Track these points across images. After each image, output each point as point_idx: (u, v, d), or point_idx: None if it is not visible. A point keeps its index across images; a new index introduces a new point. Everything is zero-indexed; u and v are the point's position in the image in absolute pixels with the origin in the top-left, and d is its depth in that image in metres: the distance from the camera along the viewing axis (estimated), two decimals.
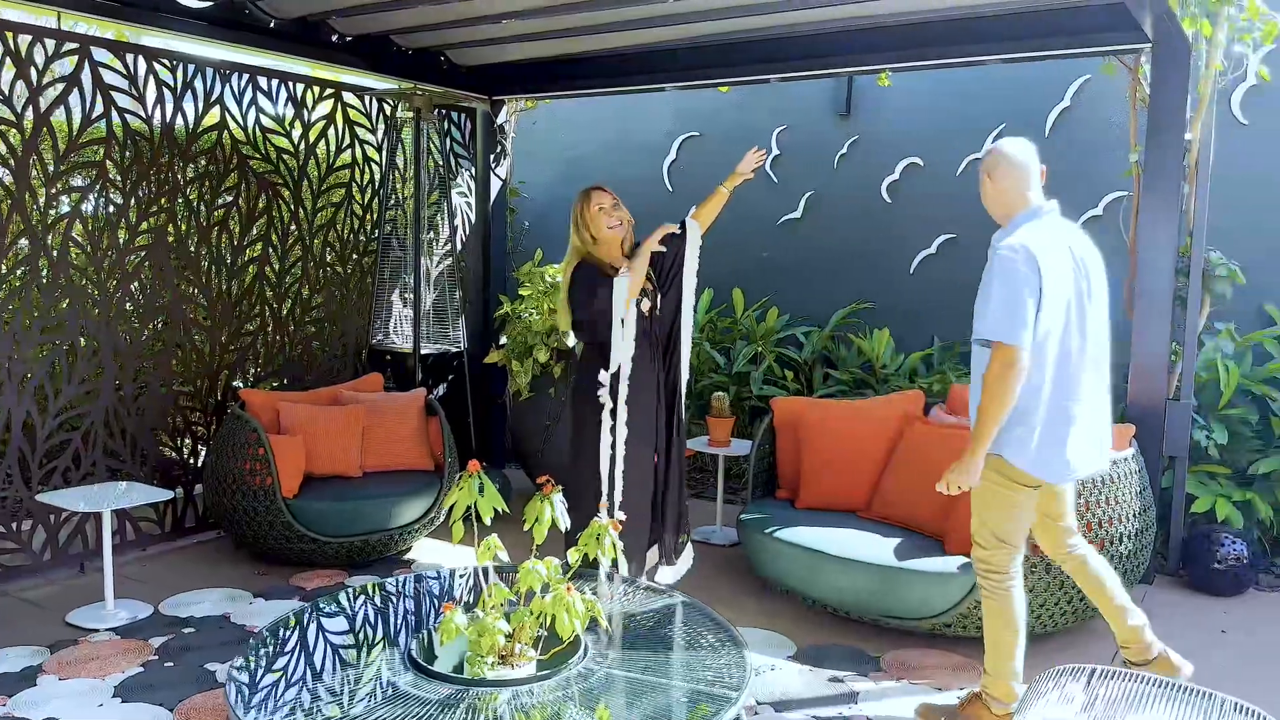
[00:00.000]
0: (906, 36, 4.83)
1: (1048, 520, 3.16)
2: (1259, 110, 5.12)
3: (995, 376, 2.82)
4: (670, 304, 3.98)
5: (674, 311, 3.99)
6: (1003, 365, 2.80)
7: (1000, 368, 2.80)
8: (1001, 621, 3.06)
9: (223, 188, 4.95)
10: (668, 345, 3.99)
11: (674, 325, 3.99)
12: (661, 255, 3.99)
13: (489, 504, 2.60)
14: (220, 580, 4.38)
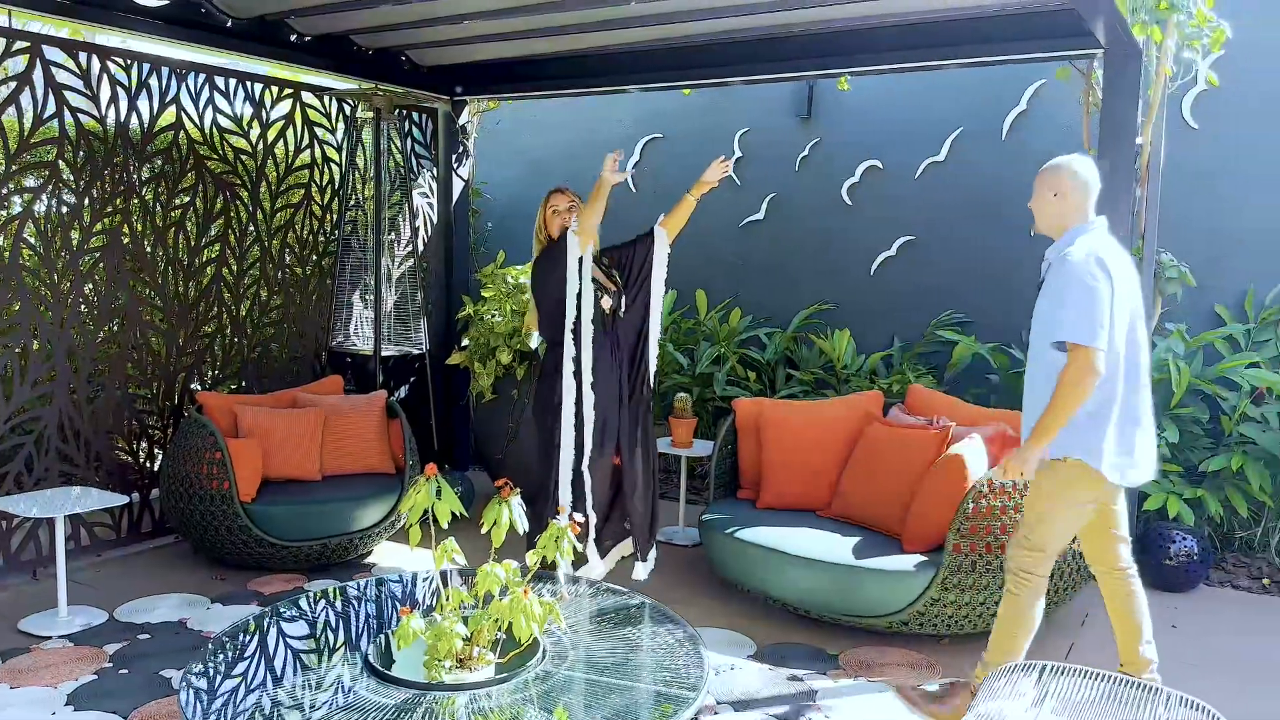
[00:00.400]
0: (865, 41, 4.88)
1: (1103, 529, 3.21)
2: (1208, 115, 5.23)
3: (1073, 378, 2.90)
4: (637, 310, 4.02)
5: (641, 318, 4.02)
6: (1080, 367, 2.89)
7: (1078, 369, 2.89)
8: (1020, 622, 3.13)
9: (179, 188, 4.90)
10: (635, 351, 4.02)
11: (641, 331, 4.02)
12: (630, 259, 4.05)
13: (446, 507, 2.60)
14: (177, 586, 4.33)
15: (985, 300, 5.82)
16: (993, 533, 3.59)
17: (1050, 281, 3.06)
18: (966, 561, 3.60)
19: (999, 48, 4.62)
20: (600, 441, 3.88)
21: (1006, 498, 3.61)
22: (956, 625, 3.70)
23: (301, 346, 5.54)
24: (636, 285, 4.03)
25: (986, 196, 5.79)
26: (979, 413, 4.37)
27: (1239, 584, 4.64)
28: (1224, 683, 3.52)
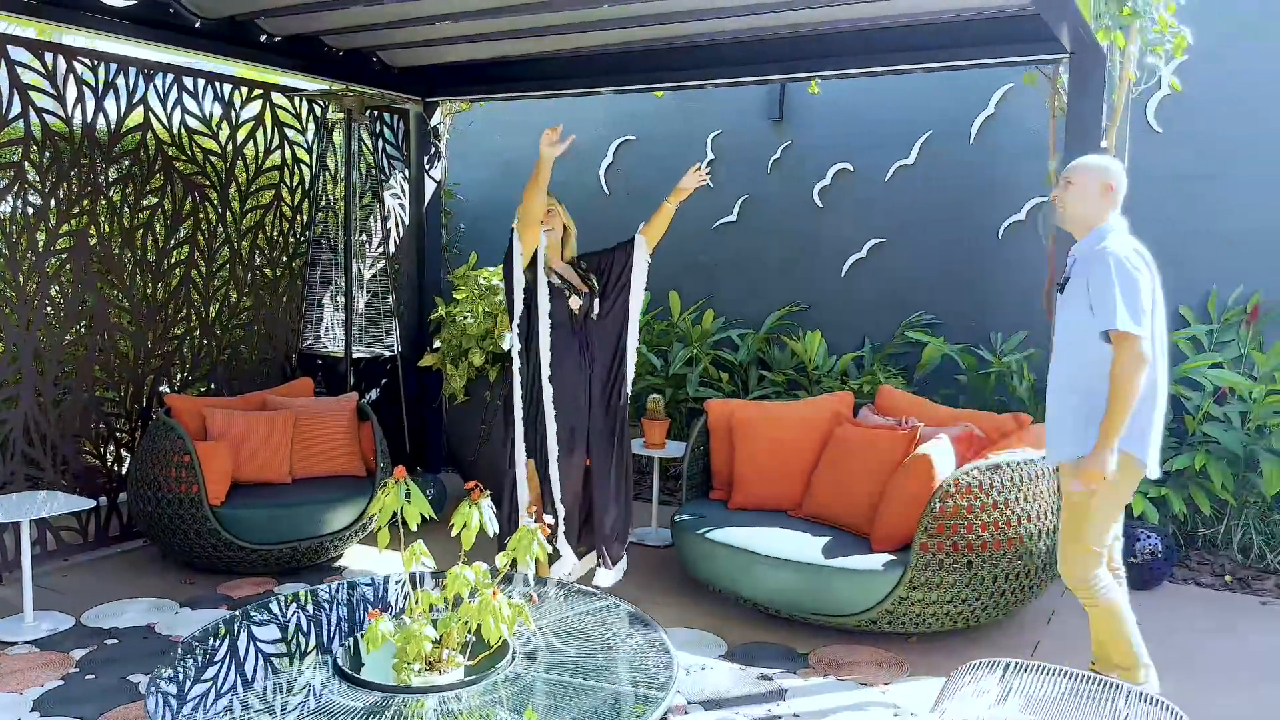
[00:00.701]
0: (835, 45, 4.92)
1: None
2: (1172, 118, 5.31)
3: (1126, 367, 2.93)
4: (616, 317, 4.04)
5: (620, 324, 4.04)
6: (1130, 354, 2.93)
7: (1129, 357, 2.93)
8: (1117, 621, 3.15)
9: (147, 189, 4.86)
10: (612, 357, 4.04)
11: (620, 338, 4.04)
12: (609, 265, 4.08)
13: (415, 510, 2.60)
14: (145, 590, 4.30)
15: (954, 302, 5.88)
16: (959, 531, 3.63)
17: (1087, 276, 3.05)
18: (934, 560, 3.64)
19: (967, 52, 4.67)
20: (568, 440, 3.89)
21: (973, 497, 3.65)
22: (924, 623, 3.74)
23: (271, 348, 5.50)
24: (615, 291, 4.06)
25: (955, 199, 5.85)
26: (947, 413, 4.42)
27: (1202, 581, 4.71)
28: (1186, 679, 3.58)
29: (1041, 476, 3.82)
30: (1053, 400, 3.19)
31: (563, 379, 3.88)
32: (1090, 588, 3.14)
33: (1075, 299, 3.10)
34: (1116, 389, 2.94)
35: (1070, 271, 3.20)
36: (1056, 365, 3.19)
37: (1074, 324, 3.10)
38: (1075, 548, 3.13)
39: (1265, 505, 4.88)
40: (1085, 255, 3.13)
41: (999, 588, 3.72)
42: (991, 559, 3.67)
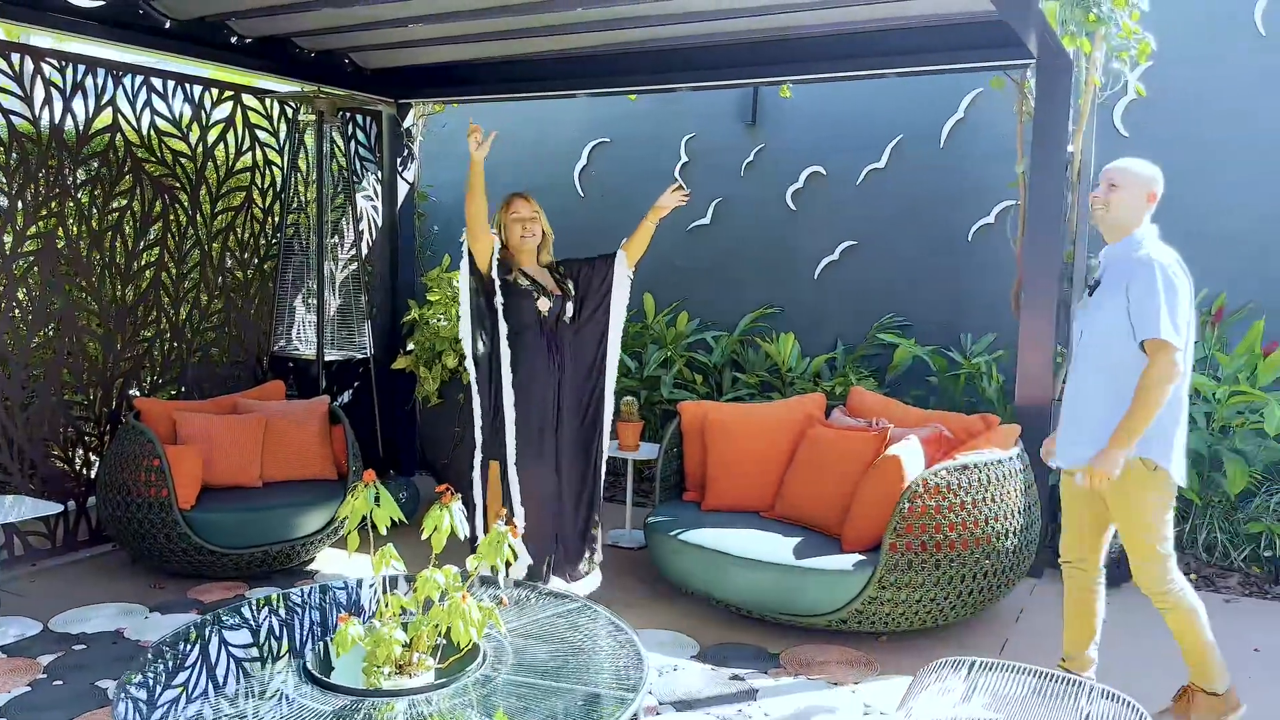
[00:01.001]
0: (807, 49, 4.96)
1: (1102, 527, 3.28)
2: (1138, 123, 5.39)
3: (1159, 377, 2.92)
4: (595, 330, 4.05)
5: (599, 336, 4.05)
6: (1166, 363, 2.92)
7: (1164, 367, 2.92)
8: (1196, 621, 3.14)
9: (116, 191, 4.82)
10: (590, 368, 4.04)
11: (599, 350, 4.05)
12: (590, 275, 4.10)
13: (385, 514, 2.60)
14: (114, 595, 4.26)
15: (925, 304, 5.94)
16: (928, 532, 3.67)
17: (1126, 282, 3.01)
18: (903, 560, 3.67)
19: (936, 57, 4.72)
20: (536, 442, 3.89)
21: (941, 497, 3.69)
22: (894, 623, 3.78)
23: (243, 351, 5.47)
24: (595, 301, 4.07)
25: (926, 202, 5.91)
26: (917, 414, 4.46)
27: None
28: (1149, 676, 3.63)
29: (1009, 477, 3.87)
30: (1077, 404, 3.16)
31: (530, 380, 3.89)
32: (1165, 592, 3.14)
33: (1110, 304, 3.05)
34: (1144, 396, 2.93)
35: (1101, 275, 3.16)
36: (1083, 369, 3.15)
37: (1107, 329, 3.06)
38: (1140, 554, 3.13)
39: (1229, 504, 4.95)
40: (1122, 261, 3.09)
41: (967, 587, 3.76)
42: (960, 559, 3.71)
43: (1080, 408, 3.15)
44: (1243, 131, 5.16)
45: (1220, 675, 3.20)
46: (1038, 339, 4.52)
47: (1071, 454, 3.18)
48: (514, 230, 4.00)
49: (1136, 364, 2.98)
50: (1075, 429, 3.16)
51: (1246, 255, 5.16)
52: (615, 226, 6.73)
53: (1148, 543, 3.10)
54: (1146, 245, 3.07)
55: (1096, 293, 3.15)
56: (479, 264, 3.89)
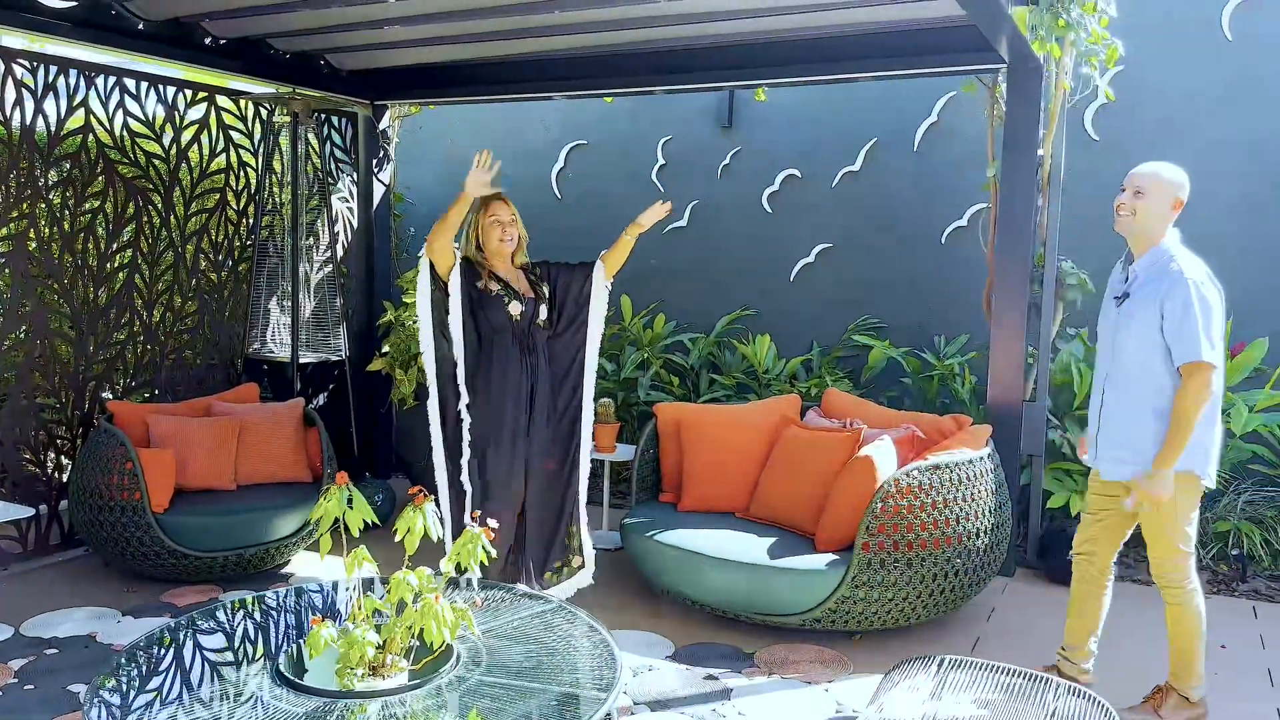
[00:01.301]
0: (782, 54, 4.99)
1: (1125, 525, 3.35)
2: (1109, 127, 5.46)
3: (1195, 398, 2.97)
4: (573, 340, 4.04)
5: (577, 347, 4.05)
6: (1203, 384, 2.96)
7: (1200, 390, 2.96)
8: (1195, 627, 3.20)
9: (88, 192, 4.79)
10: (564, 378, 4.04)
11: (574, 360, 4.05)
12: (568, 281, 4.08)
13: (358, 516, 2.60)
14: (86, 599, 4.24)
15: (899, 306, 5.99)
16: (900, 531, 3.71)
17: (1160, 299, 3.03)
18: (876, 559, 3.71)
19: (909, 61, 4.77)
20: (509, 446, 3.88)
21: (914, 497, 3.73)
22: (867, 621, 3.81)
23: (217, 354, 5.45)
24: (573, 312, 4.06)
25: (900, 205, 5.96)
26: (891, 415, 4.50)
27: (1138, 578, 4.83)
28: (1116, 671, 3.69)
29: (980, 477, 3.91)
30: (1119, 417, 3.19)
31: (502, 385, 3.87)
32: (1181, 587, 3.21)
33: (1144, 317, 3.08)
34: (1182, 418, 2.98)
35: (1131, 287, 3.17)
36: (1122, 384, 3.17)
37: (1142, 343, 3.08)
38: (1163, 551, 3.19)
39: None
40: (1154, 273, 3.10)
41: (939, 586, 3.80)
42: (932, 558, 3.75)
43: (1123, 421, 3.18)
44: (1212, 135, 5.23)
45: (1199, 683, 3.27)
46: (1009, 341, 4.57)
47: (1116, 470, 3.23)
48: (492, 233, 3.95)
49: (1177, 381, 3.04)
50: (1118, 443, 3.20)
51: (1215, 258, 5.22)
52: (592, 229, 6.76)
53: (1173, 541, 3.18)
54: (1179, 259, 3.08)
55: (1127, 304, 3.16)
56: (440, 273, 3.86)
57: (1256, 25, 5.15)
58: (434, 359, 3.91)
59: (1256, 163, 5.16)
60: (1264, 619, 4.30)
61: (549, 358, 4.00)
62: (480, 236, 3.97)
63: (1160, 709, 3.25)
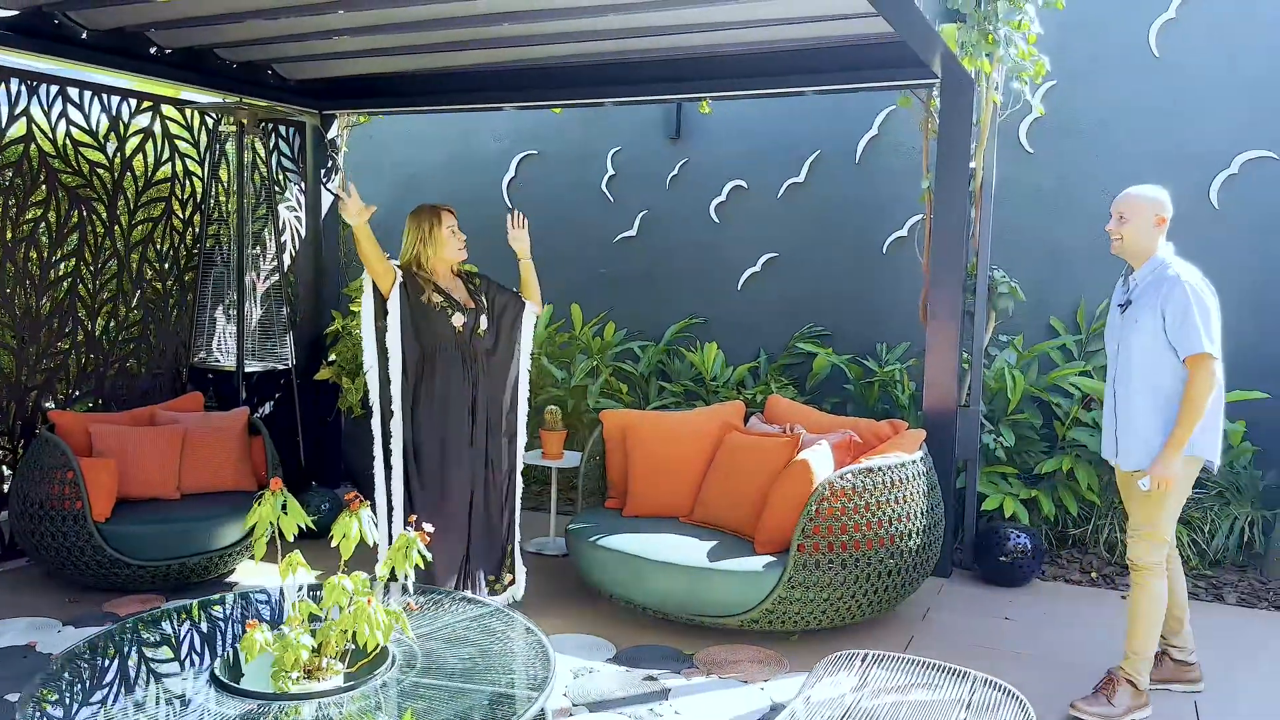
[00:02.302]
0: (727, 67, 5.10)
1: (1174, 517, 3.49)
2: (1042, 139, 5.63)
3: (1203, 390, 3.20)
4: (505, 361, 4.09)
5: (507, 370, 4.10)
6: (1208, 375, 3.20)
7: (1206, 380, 3.20)
8: (1156, 610, 3.37)
9: (30, 201, 4.77)
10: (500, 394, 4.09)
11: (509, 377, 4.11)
12: (505, 305, 4.13)
13: (292, 521, 2.64)
14: (26, 610, 4.21)
15: (843, 314, 6.12)
16: (834, 533, 3.80)
17: (1161, 304, 3.27)
18: (811, 560, 3.80)
19: (847, 76, 4.90)
20: (453, 458, 3.92)
21: (847, 499, 3.82)
22: (804, 621, 3.90)
23: (162, 363, 5.43)
24: (506, 337, 4.11)
25: (843, 215, 6.09)
26: (831, 420, 4.60)
27: (1071, 578, 4.98)
28: (1046, 668, 3.81)
29: (913, 479, 4.02)
30: (1131, 415, 3.39)
31: (445, 397, 3.89)
32: (1153, 569, 3.38)
33: (1147, 322, 3.31)
34: (1191, 406, 3.21)
35: (1132, 296, 3.41)
36: (1130, 385, 3.38)
37: (1147, 346, 3.31)
38: (1148, 534, 3.37)
39: None
40: (1152, 281, 3.35)
41: (873, 586, 3.90)
42: (865, 558, 3.85)
43: (1134, 418, 3.39)
44: (1142, 148, 5.42)
45: (1147, 668, 3.43)
46: (943, 348, 4.70)
47: (1130, 460, 3.43)
48: (452, 243, 3.99)
49: (1182, 379, 3.27)
50: (1131, 438, 3.41)
51: None
52: (543, 237, 6.80)
53: (1160, 524, 3.37)
54: (1175, 266, 3.34)
55: (1130, 310, 3.41)
56: (382, 292, 3.91)
57: (1181, 43, 5.35)
58: (377, 377, 3.94)
59: (1184, 175, 5.34)
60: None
61: (487, 370, 4.04)
62: (435, 247, 3.98)
63: (1113, 697, 3.38)
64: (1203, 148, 5.32)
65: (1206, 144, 5.31)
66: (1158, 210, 3.39)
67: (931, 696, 2.60)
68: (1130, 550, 3.45)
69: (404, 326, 3.90)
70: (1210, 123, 5.31)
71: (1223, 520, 5.00)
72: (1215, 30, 5.28)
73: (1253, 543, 5.01)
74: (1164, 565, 3.42)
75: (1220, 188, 5.31)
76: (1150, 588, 3.40)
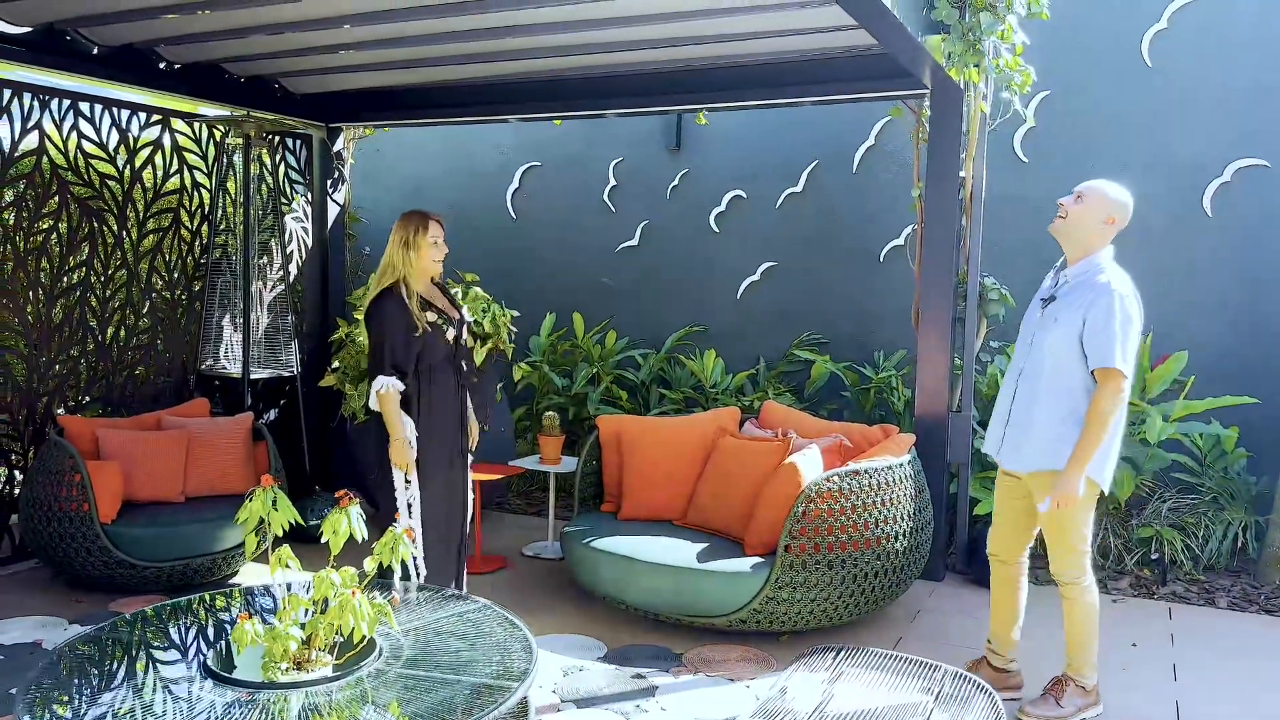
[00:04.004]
0: (724, 79, 5.19)
1: (1031, 525, 3.52)
2: (1036, 149, 5.69)
3: (1108, 403, 3.11)
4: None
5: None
6: (1116, 392, 3.11)
7: (1114, 394, 3.11)
8: (1091, 619, 3.38)
9: (43, 212, 4.91)
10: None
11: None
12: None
13: (282, 517, 2.73)
14: (34, 609, 4.32)
15: (840, 322, 6.18)
16: (821, 534, 3.86)
17: (1085, 308, 3.18)
18: (798, 561, 3.86)
19: (843, 87, 4.97)
20: (443, 463, 3.97)
21: (834, 501, 3.89)
22: (792, 622, 3.96)
23: (169, 370, 5.55)
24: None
25: (840, 224, 6.17)
26: (824, 425, 4.67)
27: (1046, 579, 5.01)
28: (1028, 668, 3.85)
29: (900, 482, 4.08)
30: (1029, 412, 3.33)
31: (444, 409, 3.92)
32: (1078, 584, 3.38)
33: (1066, 322, 3.22)
34: (1096, 421, 3.12)
35: (1058, 292, 3.32)
36: (1035, 383, 3.32)
37: (1061, 347, 3.23)
38: (1063, 550, 3.37)
39: (1122, 511, 5.22)
40: (1082, 282, 3.25)
41: (859, 587, 3.96)
42: (852, 559, 3.91)
43: (1029, 416, 3.33)
44: (1135, 156, 5.47)
45: (1093, 671, 3.46)
46: (934, 354, 4.76)
47: (1016, 460, 3.40)
48: (430, 252, 3.91)
49: (1089, 390, 3.20)
50: (1023, 436, 3.36)
51: (1137, 275, 5.44)
52: (546, 247, 6.96)
53: (1071, 541, 3.36)
54: (1108, 272, 3.24)
55: (1053, 306, 3.31)
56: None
57: (1174, 52, 5.40)
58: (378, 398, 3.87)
59: (1177, 183, 5.40)
60: (1178, 619, 4.48)
61: (468, 379, 4.09)
62: (415, 253, 3.87)
63: (1060, 699, 3.42)
64: (1196, 156, 5.37)
65: (1199, 152, 5.37)
66: (1114, 210, 3.27)
67: (902, 687, 2.66)
68: (1052, 568, 3.42)
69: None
70: (1203, 131, 5.36)
71: (1216, 525, 5.02)
72: (1207, 39, 5.34)
73: (1245, 547, 5.03)
74: (1091, 576, 3.40)
75: (1213, 195, 5.36)
76: (1080, 601, 3.40)
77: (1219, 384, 5.25)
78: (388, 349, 3.77)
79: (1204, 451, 5.20)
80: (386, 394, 3.76)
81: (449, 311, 3.98)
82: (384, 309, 3.80)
